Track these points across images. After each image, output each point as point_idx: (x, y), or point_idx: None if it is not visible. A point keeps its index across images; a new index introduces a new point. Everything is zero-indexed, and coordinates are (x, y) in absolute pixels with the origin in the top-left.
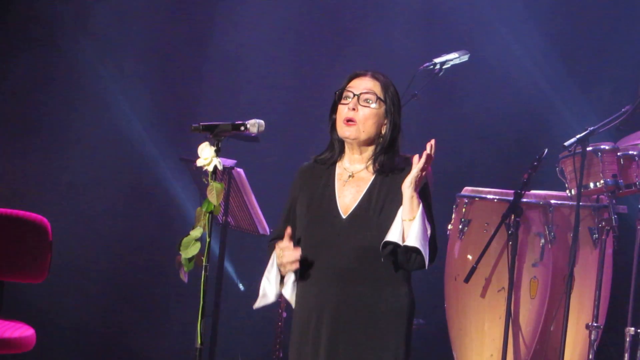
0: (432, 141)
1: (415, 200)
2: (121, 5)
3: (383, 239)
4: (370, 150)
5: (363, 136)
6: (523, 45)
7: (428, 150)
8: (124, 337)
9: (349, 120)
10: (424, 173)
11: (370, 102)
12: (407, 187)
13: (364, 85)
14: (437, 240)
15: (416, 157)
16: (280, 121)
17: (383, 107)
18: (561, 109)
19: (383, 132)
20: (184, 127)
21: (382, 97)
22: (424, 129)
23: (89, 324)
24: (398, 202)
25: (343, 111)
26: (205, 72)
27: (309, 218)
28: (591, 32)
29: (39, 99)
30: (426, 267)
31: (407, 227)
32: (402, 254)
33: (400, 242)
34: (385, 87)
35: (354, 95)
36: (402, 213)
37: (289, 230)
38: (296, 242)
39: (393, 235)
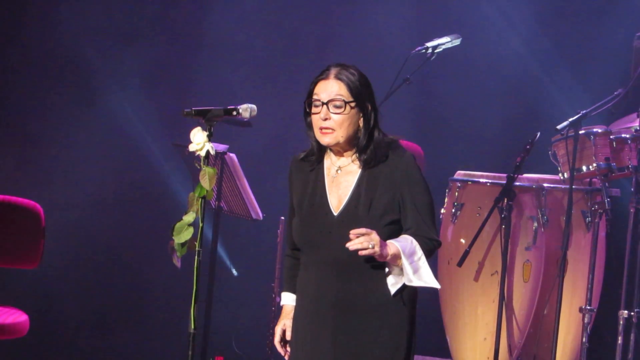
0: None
1: (389, 258)
2: None
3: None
4: (353, 144)
5: (342, 140)
6: (514, 28)
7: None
8: (117, 323)
9: (325, 128)
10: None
11: (340, 107)
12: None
13: (330, 89)
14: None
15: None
16: (273, 105)
17: (355, 108)
18: (553, 92)
19: (361, 126)
20: (176, 112)
21: (350, 99)
22: (415, 113)
23: (83, 309)
24: (385, 195)
25: (316, 120)
26: (197, 57)
27: (301, 216)
28: (583, 15)
29: (30, 87)
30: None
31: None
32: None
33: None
34: (350, 86)
35: (323, 103)
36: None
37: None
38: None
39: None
